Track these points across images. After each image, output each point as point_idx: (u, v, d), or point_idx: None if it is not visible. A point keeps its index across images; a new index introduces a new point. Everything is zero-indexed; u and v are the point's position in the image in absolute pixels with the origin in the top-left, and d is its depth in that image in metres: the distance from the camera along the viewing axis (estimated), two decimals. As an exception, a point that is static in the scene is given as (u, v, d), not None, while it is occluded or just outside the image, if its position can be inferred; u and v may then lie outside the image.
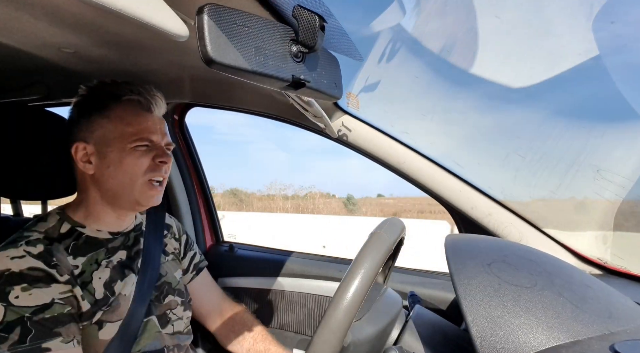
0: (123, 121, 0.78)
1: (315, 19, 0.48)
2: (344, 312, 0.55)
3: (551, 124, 1.08)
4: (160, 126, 0.83)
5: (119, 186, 0.79)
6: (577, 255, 0.99)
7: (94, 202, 0.82)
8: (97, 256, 0.79)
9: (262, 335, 1.02)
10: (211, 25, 0.41)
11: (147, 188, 0.80)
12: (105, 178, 0.79)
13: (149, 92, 0.81)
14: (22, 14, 0.63)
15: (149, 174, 0.80)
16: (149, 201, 0.82)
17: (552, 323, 0.49)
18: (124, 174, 0.78)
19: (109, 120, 0.78)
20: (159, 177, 0.82)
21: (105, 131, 0.78)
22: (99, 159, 0.78)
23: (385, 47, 1.14)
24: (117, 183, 0.79)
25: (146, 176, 0.79)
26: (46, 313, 0.67)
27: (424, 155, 1.07)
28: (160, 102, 0.83)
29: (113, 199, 0.81)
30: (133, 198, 0.80)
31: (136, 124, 0.79)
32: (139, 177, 0.79)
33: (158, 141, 0.81)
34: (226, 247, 1.47)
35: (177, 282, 0.94)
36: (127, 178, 0.78)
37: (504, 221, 1.01)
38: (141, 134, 0.79)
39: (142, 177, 0.79)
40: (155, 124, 0.82)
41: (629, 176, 0.97)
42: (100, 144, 0.78)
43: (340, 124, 1.09)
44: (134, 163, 0.78)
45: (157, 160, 0.80)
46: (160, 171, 0.81)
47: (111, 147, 0.77)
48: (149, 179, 0.80)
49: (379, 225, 0.66)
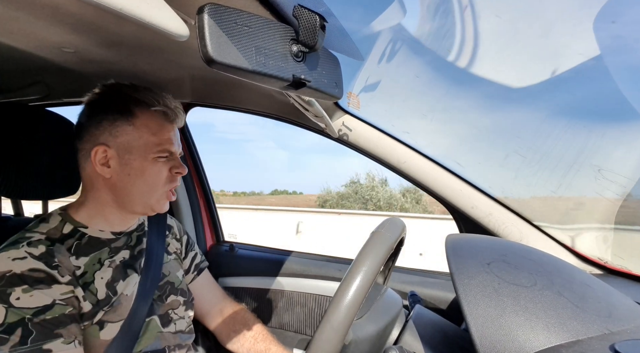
0: (149, 131, 0.79)
1: (316, 18, 0.48)
2: (346, 310, 0.55)
3: (551, 123, 1.08)
4: (178, 137, 0.85)
5: (137, 193, 0.80)
6: (577, 254, 0.99)
7: (103, 203, 0.82)
8: (100, 255, 0.79)
9: (263, 335, 1.02)
10: (211, 25, 0.41)
11: (165, 197, 0.83)
12: (123, 183, 0.79)
13: (173, 103, 0.83)
14: (22, 14, 0.63)
15: (168, 185, 0.82)
16: (162, 208, 0.84)
17: (552, 322, 0.49)
18: (144, 183, 0.79)
19: (134, 128, 0.78)
20: (174, 187, 0.85)
21: (129, 138, 0.78)
22: (119, 164, 0.79)
23: (385, 46, 1.14)
24: (135, 190, 0.80)
25: (166, 187, 0.82)
26: (47, 314, 0.67)
27: (425, 155, 1.07)
28: (181, 114, 0.85)
29: (126, 203, 0.82)
30: (149, 205, 0.82)
31: (160, 135, 0.80)
32: (159, 187, 0.81)
33: (176, 152, 0.84)
34: (227, 247, 1.47)
35: (179, 282, 0.94)
36: (146, 187, 0.80)
37: (504, 221, 1.01)
38: (163, 145, 0.80)
39: (162, 188, 0.82)
40: (175, 135, 0.84)
41: (630, 175, 0.97)
42: (123, 150, 0.78)
43: (341, 124, 1.09)
44: (155, 173, 0.80)
45: (174, 171, 0.82)
46: (176, 182, 0.84)
47: (134, 155, 0.78)
48: (168, 190, 0.83)
49: (380, 224, 0.66)
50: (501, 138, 1.20)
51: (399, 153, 1.07)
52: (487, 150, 1.20)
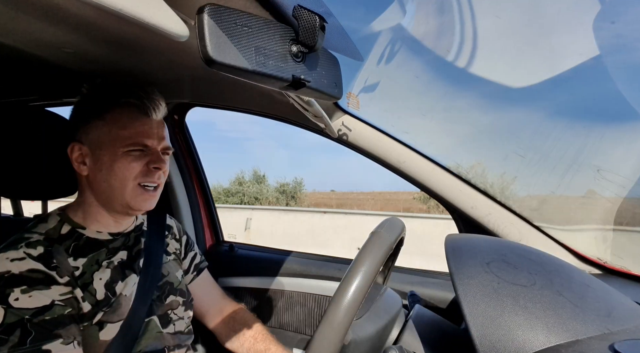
0: (117, 125, 0.77)
1: (316, 19, 0.48)
2: (345, 310, 0.55)
3: (551, 123, 1.08)
4: (158, 130, 0.81)
5: (110, 189, 0.78)
6: (576, 254, 0.99)
7: (89, 203, 0.81)
8: (98, 256, 0.79)
9: (263, 335, 1.02)
10: (211, 25, 0.41)
11: (138, 192, 0.79)
12: (97, 180, 0.78)
13: (149, 96, 0.80)
14: (22, 14, 0.63)
15: (139, 179, 0.79)
16: (141, 206, 0.81)
17: (551, 322, 0.50)
18: (114, 178, 0.77)
19: (104, 123, 0.77)
20: (152, 183, 0.80)
21: (99, 134, 0.77)
22: (92, 161, 0.78)
23: (385, 46, 1.14)
24: (108, 187, 0.78)
25: (136, 181, 0.79)
26: (46, 315, 0.67)
27: (424, 155, 1.07)
28: (159, 106, 0.82)
29: (106, 202, 0.81)
30: (124, 201, 0.79)
31: (131, 128, 0.78)
32: (129, 181, 0.78)
33: (153, 146, 0.80)
34: (226, 247, 1.47)
35: (178, 282, 0.94)
36: (117, 182, 0.77)
37: (504, 221, 1.02)
38: (135, 138, 0.78)
39: (133, 181, 0.78)
40: (152, 129, 0.80)
41: (630, 175, 0.97)
42: (94, 146, 0.77)
43: (341, 124, 1.09)
44: (124, 167, 0.77)
45: (151, 166, 0.79)
46: (152, 177, 0.80)
47: (104, 150, 0.77)
48: (140, 184, 0.79)
49: (380, 225, 0.66)
50: (500, 137, 1.20)
51: (398, 153, 1.07)
52: (486, 150, 1.20)
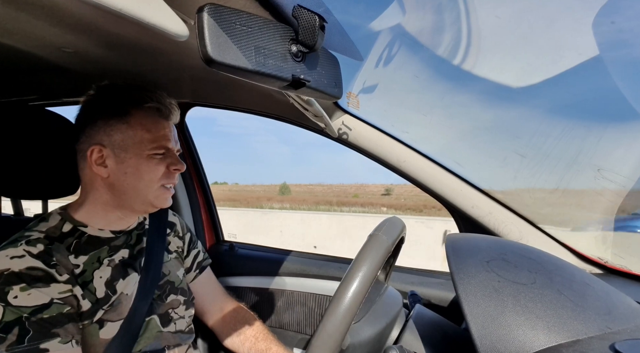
0: (143, 128, 0.79)
1: (315, 18, 0.48)
2: (342, 316, 0.55)
3: (552, 122, 1.08)
4: (174, 133, 0.85)
5: (134, 191, 0.80)
6: (577, 254, 0.99)
7: (102, 203, 0.82)
8: (99, 254, 0.79)
9: (264, 334, 1.02)
10: (211, 25, 0.41)
11: (162, 192, 0.83)
12: (120, 182, 0.80)
13: (166, 100, 0.83)
14: (22, 14, 0.63)
15: (163, 181, 0.82)
16: (164, 203, 0.85)
17: (552, 322, 0.49)
18: (139, 180, 0.80)
19: (128, 126, 0.79)
20: (172, 183, 0.85)
21: (124, 137, 0.78)
22: (115, 163, 0.79)
23: (386, 47, 1.14)
24: (132, 188, 0.80)
25: (160, 182, 0.82)
26: (44, 313, 0.67)
27: (425, 154, 1.07)
28: (176, 110, 0.85)
29: (125, 201, 0.82)
30: (148, 201, 0.82)
31: (155, 132, 0.80)
32: (155, 184, 0.81)
33: (172, 148, 0.84)
34: (227, 246, 1.47)
35: (179, 281, 0.94)
36: (142, 184, 0.80)
37: (504, 220, 1.01)
38: (159, 141, 0.80)
39: (157, 183, 0.82)
40: (171, 132, 0.84)
41: (630, 175, 0.97)
42: (118, 148, 0.79)
43: (341, 123, 1.09)
44: (150, 170, 0.80)
45: (171, 168, 0.82)
46: (173, 178, 0.84)
47: (129, 153, 0.79)
48: (162, 185, 0.83)
49: (378, 226, 0.66)
50: (500, 137, 1.20)
51: (398, 153, 1.07)
52: (486, 149, 1.20)
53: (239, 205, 32.82)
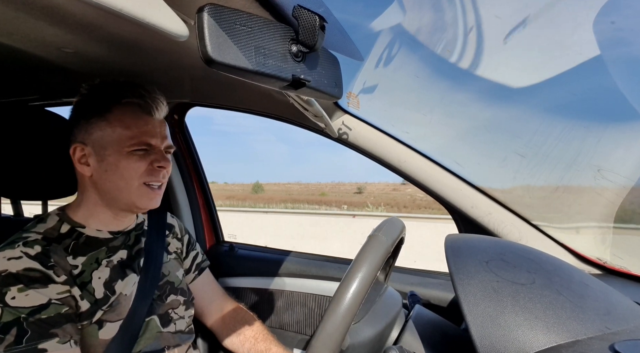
0: (121, 124, 0.77)
1: (316, 18, 0.48)
2: (341, 317, 0.55)
3: (552, 122, 1.08)
4: (160, 129, 0.81)
5: (116, 189, 0.78)
6: (576, 254, 0.99)
7: (93, 203, 0.82)
8: (97, 255, 0.79)
9: (264, 335, 1.02)
10: (211, 25, 0.41)
11: (144, 191, 0.79)
12: (102, 180, 0.78)
13: (151, 95, 0.80)
14: (22, 14, 0.63)
15: (145, 178, 0.79)
16: (147, 204, 0.81)
17: (551, 322, 0.50)
18: (120, 177, 0.77)
19: (107, 123, 0.77)
20: (157, 182, 0.81)
21: (103, 134, 0.77)
22: (96, 161, 0.78)
23: (386, 46, 1.14)
24: (113, 186, 0.78)
25: (142, 180, 0.79)
26: (42, 314, 0.67)
27: (424, 154, 1.07)
28: (161, 105, 0.82)
29: (111, 201, 0.81)
30: (130, 200, 0.79)
31: (135, 128, 0.78)
32: (135, 181, 0.78)
33: (157, 145, 0.80)
34: (226, 247, 1.47)
35: (179, 281, 0.94)
36: (122, 182, 0.78)
37: (503, 221, 1.02)
38: (139, 137, 0.78)
39: (138, 181, 0.78)
40: (155, 128, 0.80)
41: (630, 175, 0.97)
42: (98, 146, 0.77)
43: (341, 123, 1.09)
44: (130, 167, 0.77)
45: (155, 165, 0.79)
46: (157, 176, 0.80)
47: (108, 150, 0.77)
48: (145, 183, 0.79)
49: (377, 227, 0.66)
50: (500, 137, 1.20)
51: (398, 153, 1.07)
52: (486, 149, 1.20)
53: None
